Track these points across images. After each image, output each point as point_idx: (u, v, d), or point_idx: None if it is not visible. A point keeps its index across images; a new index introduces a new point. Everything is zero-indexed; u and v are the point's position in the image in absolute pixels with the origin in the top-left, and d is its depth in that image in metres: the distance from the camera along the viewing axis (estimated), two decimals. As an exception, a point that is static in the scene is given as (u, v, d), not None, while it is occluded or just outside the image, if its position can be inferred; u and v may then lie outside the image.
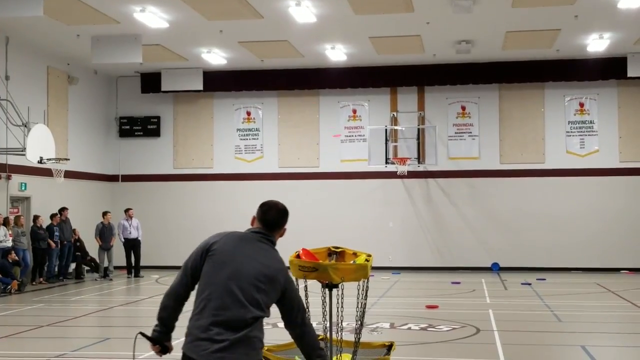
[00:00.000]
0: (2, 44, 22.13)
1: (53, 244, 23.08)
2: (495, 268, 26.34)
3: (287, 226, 5.17)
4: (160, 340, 4.90)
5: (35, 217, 22.81)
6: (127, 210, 25.33)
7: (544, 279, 23.15)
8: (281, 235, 5.12)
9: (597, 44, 23.43)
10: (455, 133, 27.16)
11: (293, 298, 4.92)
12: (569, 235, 26.12)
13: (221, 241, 4.88)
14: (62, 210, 23.96)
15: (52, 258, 23.34)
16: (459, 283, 22.28)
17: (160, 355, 5.00)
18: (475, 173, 26.86)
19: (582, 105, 26.58)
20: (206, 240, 4.92)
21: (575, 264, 25.98)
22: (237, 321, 4.62)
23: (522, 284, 21.89)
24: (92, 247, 25.02)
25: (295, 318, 4.94)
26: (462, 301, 18.40)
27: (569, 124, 26.61)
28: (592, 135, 26.49)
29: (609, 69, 25.64)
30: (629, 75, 24.85)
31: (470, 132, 27.11)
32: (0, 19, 20.42)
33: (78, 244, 24.75)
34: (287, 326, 5.00)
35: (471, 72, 26.35)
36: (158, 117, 28.61)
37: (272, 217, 5.05)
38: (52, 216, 23.49)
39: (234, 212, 27.01)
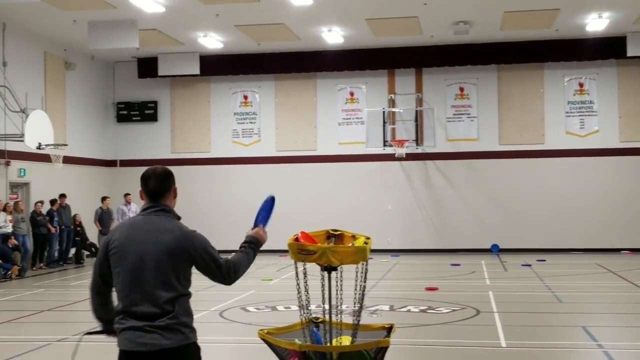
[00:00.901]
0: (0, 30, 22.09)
1: (53, 229, 23.11)
2: (495, 250, 26.35)
3: (288, 207, 5.13)
4: (109, 329, 4.81)
5: (35, 203, 22.83)
6: (125, 195, 25.31)
7: (544, 260, 23.17)
8: (175, 197, 4.91)
9: (596, 24, 23.34)
10: (454, 115, 27.12)
11: (209, 260, 4.67)
12: (569, 216, 26.13)
13: (114, 236, 4.75)
14: (61, 196, 23.99)
15: (52, 243, 23.38)
16: (458, 265, 22.29)
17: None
18: (474, 155, 26.83)
19: (581, 85, 26.52)
20: (105, 238, 4.81)
21: (575, 245, 26.00)
22: (151, 314, 4.52)
23: (522, 265, 21.90)
24: (91, 232, 25.05)
25: (219, 276, 4.72)
26: (462, 283, 18.41)
27: (568, 104, 26.56)
28: (591, 116, 26.44)
29: (608, 48, 25.56)
30: (628, 54, 24.76)
31: (469, 114, 27.06)
32: (-5, 5, 20.39)
33: (79, 229, 24.78)
34: (219, 282, 4.80)
35: (469, 53, 26.26)
36: (155, 102, 28.56)
37: (153, 186, 4.81)
38: (52, 202, 23.53)
39: (231, 196, 27.06)
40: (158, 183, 4.84)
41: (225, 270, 4.73)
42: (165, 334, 4.50)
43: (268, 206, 5.39)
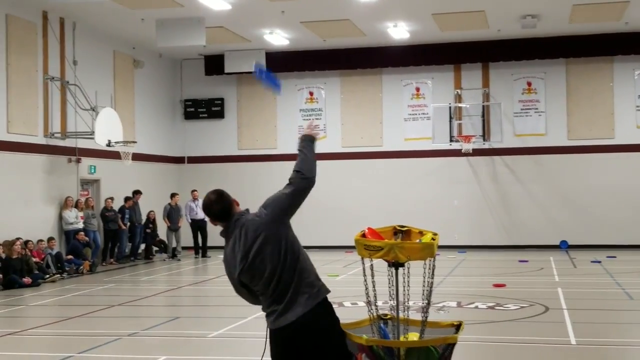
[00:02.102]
0: (70, 29, 22.53)
1: (123, 226, 23.53)
2: (564, 246, 25.99)
3: (354, 203, 5.53)
4: None
5: (105, 200, 23.30)
6: (192, 192, 25.62)
7: (614, 257, 22.77)
8: (237, 204, 5.45)
9: (667, 16, 22.83)
10: (521, 109, 26.81)
11: (283, 200, 5.43)
12: (640, 212, 25.64)
13: (228, 263, 5.36)
14: (136, 193, 24.42)
15: (123, 239, 23.80)
16: (526, 261, 22.04)
17: None
18: (542, 150, 26.48)
19: (652, 78, 25.98)
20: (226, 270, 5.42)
21: (646, 241, 25.50)
22: (292, 295, 5.16)
23: (591, 262, 21.57)
24: (160, 228, 25.44)
25: (299, 187, 5.47)
26: (530, 279, 18.23)
27: (639, 98, 26.03)
28: (663, 109, 25.88)
29: (680, 40, 24.99)
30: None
31: (537, 108, 26.72)
32: (66, 5, 20.84)
33: (151, 225, 25.17)
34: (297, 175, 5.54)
35: (537, 47, 25.92)
36: (222, 99, 28.84)
37: (218, 211, 5.33)
38: (127, 199, 23.96)
39: (298, 192, 27.11)
40: (219, 205, 5.34)
41: (296, 182, 5.48)
42: (303, 303, 5.18)
43: (264, 76, 5.85)
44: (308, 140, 5.54)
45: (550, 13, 22.85)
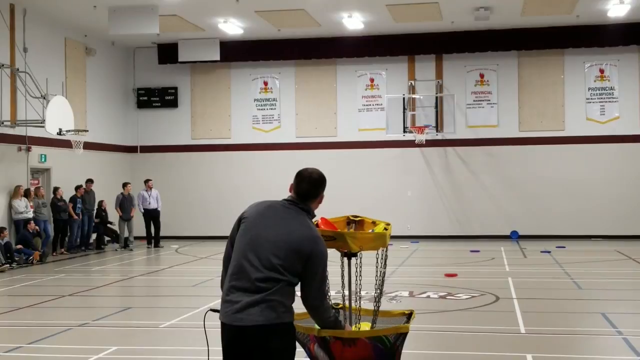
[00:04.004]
0: (20, 16, 22.16)
1: (75, 216, 23.27)
2: (515, 236, 26.30)
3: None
4: None
5: (55, 189, 23.00)
6: (146, 182, 25.43)
7: (564, 247, 23.09)
8: (319, 203, 5.17)
9: (617, 9, 23.13)
10: (474, 101, 27.02)
11: (314, 272, 4.84)
12: (589, 203, 26.02)
13: (251, 209, 5.05)
14: (87, 182, 24.16)
15: (74, 229, 23.54)
16: (477, 251, 22.27)
17: None
18: (494, 141, 26.74)
19: (602, 71, 26.34)
20: (244, 210, 5.08)
21: (595, 232, 25.87)
22: (252, 285, 4.75)
23: (541, 252, 21.85)
24: (112, 218, 25.23)
25: (309, 294, 4.91)
26: (481, 269, 18.42)
27: (589, 90, 26.40)
28: (612, 102, 26.26)
29: (629, 34, 25.36)
30: (650, 40, 24.58)
31: (489, 100, 26.96)
32: (17, -9, 20.47)
33: (103, 214, 24.95)
34: (302, 301, 4.99)
35: (490, 39, 26.14)
36: (175, 88, 28.63)
37: (304, 189, 5.09)
38: (77, 188, 23.67)
39: (251, 182, 27.11)
40: (310, 188, 5.10)
41: (317, 294, 4.93)
42: (262, 310, 4.71)
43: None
44: (338, 324, 5.23)
45: (503, 6, 23.04)
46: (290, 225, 4.90)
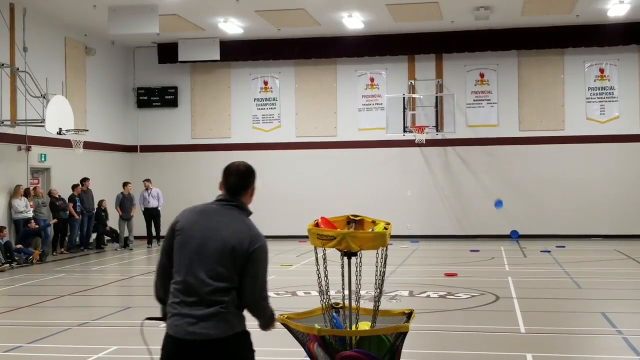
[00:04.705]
0: (20, 15, 22.16)
1: (76, 215, 23.25)
2: (514, 236, 26.30)
3: (308, 193, 5.14)
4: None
5: (50, 190, 22.96)
6: (144, 181, 25.42)
7: (564, 246, 23.09)
8: (252, 195, 4.94)
9: (617, 9, 23.13)
10: (474, 100, 27.03)
11: (255, 272, 4.60)
12: (589, 202, 26.02)
13: (183, 219, 4.77)
14: (84, 180, 24.14)
15: (74, 229, 23.53)
16: (477, 251, 22.27)
17: None
18: (494, 140, 26.74)
19: (602, 71, 26.34)
20: (174, 219, 4.82)
21: (595, 231, 25.88)
22: (202, 299, 4.54)
23: (541, 251, 21.85)
24: (112, 218, 25.22)
25: (251, 294, 4.61)
26: (481, 269, 18.42)
27: (589, 90, 26.40)
28: (612, 102, 26.26)
29: (629, 34, 25.36)
30: (649, 40, 24.58)
31: (489, 100, 26.96)
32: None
33: (103, 213, 24.94)
34: (243, 299, 4.65)
35: (490, 39, 26.15)
36: (175, 88, 28.63)
37: (233, 183, 4.88)
38: (74, 187, 23.65)
39: (252, 181, 27.02)
40: (238, 181, 4.89)
41: (259, 295, 4.65)
42: (215, 323, 4.51)
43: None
44: (272, 317, 4.83)
45: (503, 5, 23.04)
46: (228, 228, 4.66)
